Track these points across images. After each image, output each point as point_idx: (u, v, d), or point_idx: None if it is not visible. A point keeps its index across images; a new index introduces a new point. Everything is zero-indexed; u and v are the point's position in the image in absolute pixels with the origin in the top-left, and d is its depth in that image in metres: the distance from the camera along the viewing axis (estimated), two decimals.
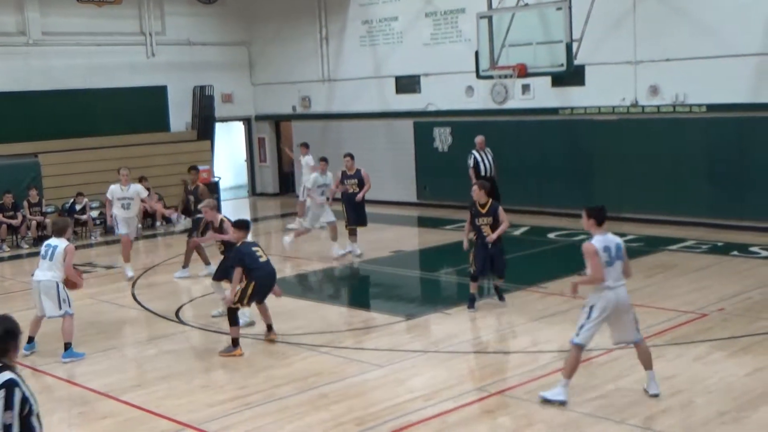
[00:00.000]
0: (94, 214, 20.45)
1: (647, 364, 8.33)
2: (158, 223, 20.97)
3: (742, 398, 8.13)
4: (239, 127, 26.93)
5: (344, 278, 14.99)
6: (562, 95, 19.09)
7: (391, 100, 22.57)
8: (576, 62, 15.88)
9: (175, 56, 24.11)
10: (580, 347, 8.20)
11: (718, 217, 16.77)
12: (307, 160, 18.97)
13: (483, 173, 17.94)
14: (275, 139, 26.49)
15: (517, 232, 17.96)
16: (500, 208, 11.78)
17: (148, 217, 20.76)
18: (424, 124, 21.80)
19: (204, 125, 24.09)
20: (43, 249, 10.54)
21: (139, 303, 13.21)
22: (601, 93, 18.37)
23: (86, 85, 22.34)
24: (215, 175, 23.08)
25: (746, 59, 16.32)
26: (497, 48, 16.37)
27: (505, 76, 16.51)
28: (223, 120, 25.45)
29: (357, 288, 14.53)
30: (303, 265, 15.80)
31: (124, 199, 15.26)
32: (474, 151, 18.00)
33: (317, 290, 14.53)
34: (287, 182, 26.38)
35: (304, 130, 24.97)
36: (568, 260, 14.80)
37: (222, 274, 11.71)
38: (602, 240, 8.12)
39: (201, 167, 22.33)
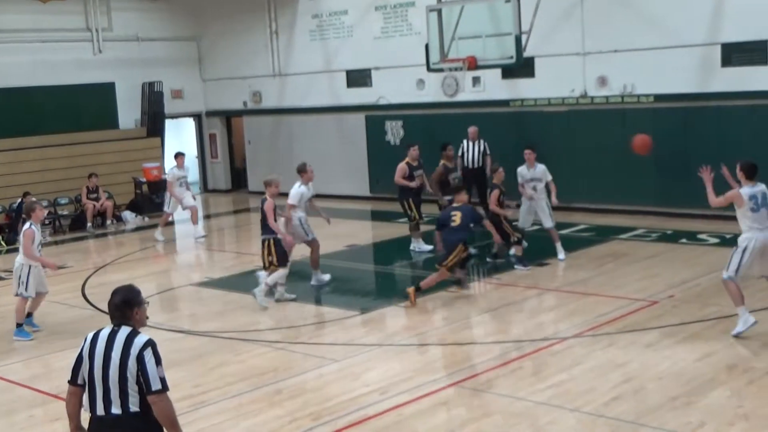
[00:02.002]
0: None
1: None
2: (109, 222, 20.69)
3: (693, 383, 8.26)
4: (190, 124, 26.70)
5: (297, 273, 14.91)
6: (512, 87, 19.21)
7: (342, 94, 22.53)
8: (525, 54, 15.95)
9: (123, 52, 23.79)
10: (728, 281, 9.48)
11: (667, 205, 17.01)
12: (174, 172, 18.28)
13: (468, 164, 18.01)
14: (227, 134, 26.31)
15: (471, 224, 18.04)
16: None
17: (98, 215, 20.49)
18: (375, 117, 21.80)
19: (153, 122, 23.82)
20: None
21: (90, 303, 13.02)
22: (551, 84, 18.52)
23: (32, 83, 21.91)
24: (166, 172, 22.82)
25: (692, 50, 16.57)
26: (447, 41, 16.39)
27: (456, 69, 16.53)
28: (173, 116, 25.19)
29: (310, 283, 14.48)
30: (256, 260, 15.70)
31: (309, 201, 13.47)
32: (464, 141, 18.07)
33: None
34: (239, 178, 26.22)
35: (255, 125, 24.87)
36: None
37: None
38: (749, 190, 9.41)
39: (151, 164, 22.24)
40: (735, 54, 16.16)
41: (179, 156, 18.32)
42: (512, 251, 13.67)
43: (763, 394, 7.93)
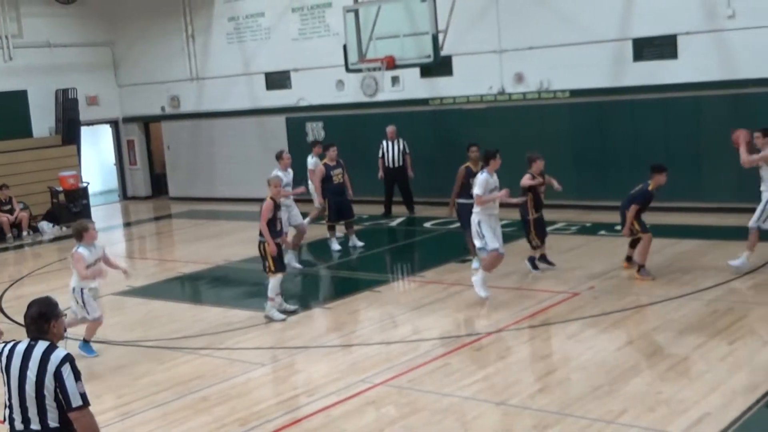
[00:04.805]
0: None
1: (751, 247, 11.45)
2: (25, 233, 20.18)
3: (614, 372, 8.43)
4: (107, 130, 26.20)
5: (221, 278, 14.80)
6: (431, 86, 19.35)
7: (261, 97, 22.39)
8: (443, 53, 16.09)
9: (35, 59, 23.22)
10: (752, 228, 11.44)
11: (586, 198, 17.32)
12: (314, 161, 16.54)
13: (389, 164, 18.18)
14: (145, 140, 25.89)
15: (393, 223, 18.16)
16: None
17: (14, 227, 19.97)
18: (296, 119, 21.72)
19: (68, 129, 23.29)
20: None
21: (7, 317, 12.67)
22: (469, 82, 18.71)
23: None
24: (83, 180, 22.37)
25: (604, 45, 16.93)
26: (365, 41, 16.42)
27: (375, 69, 16.58)
28: (89, 123, 24.69)
29: (235, 287, 14.35)
30: (179, 267, 15.52)
31: None
32: (384, 141, 18.22)
33: (195, 292, 14.29)
34: (159, 184, 25.84)
35: (174, 131, 24.54)
36: (443, 248, 15.03)
37: None
38: None
39: (68, 173, 21.75)
40: (646, 48, 16.56)
41: (316, 144, 16.53)
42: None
43: (681, 380, 8.14)
